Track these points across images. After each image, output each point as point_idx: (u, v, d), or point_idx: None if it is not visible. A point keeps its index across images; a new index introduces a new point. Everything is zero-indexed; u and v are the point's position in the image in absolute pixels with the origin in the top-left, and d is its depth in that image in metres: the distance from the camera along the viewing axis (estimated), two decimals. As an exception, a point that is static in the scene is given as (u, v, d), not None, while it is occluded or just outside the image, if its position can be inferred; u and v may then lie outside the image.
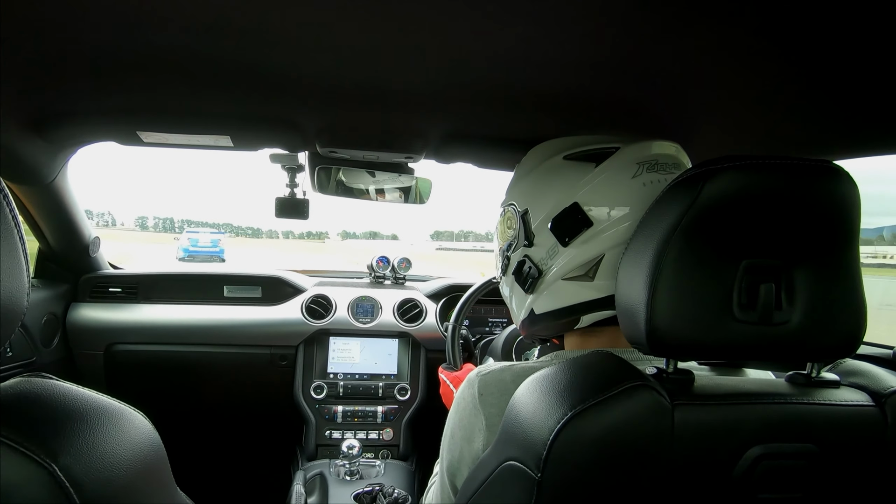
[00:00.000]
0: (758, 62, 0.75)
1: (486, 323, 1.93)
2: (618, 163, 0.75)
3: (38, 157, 1.21)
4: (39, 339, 1.55)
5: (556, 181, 0.79)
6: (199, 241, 21.40)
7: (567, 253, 0.76)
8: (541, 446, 0.53)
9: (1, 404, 0.44)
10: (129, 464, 0.47)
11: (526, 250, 0.81)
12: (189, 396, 1.91)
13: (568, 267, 0.76)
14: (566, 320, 0.79)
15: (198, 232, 22.85)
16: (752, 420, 0.56)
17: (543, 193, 0.79)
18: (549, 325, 0.82)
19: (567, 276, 0.77)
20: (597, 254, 0.74)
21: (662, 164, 0.75)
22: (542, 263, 0.79)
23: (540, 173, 0.82)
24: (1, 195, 0.46)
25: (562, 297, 0.78)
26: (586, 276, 0.76)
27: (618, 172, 0.75)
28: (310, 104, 1.03)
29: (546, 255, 0.79)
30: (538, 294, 0.81)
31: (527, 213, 0.81)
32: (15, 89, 0.95)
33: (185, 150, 1.28)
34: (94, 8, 0.71)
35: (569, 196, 0.76)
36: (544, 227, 0.78)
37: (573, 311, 0.77)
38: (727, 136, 1.02)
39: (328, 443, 1.71)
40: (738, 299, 0.55)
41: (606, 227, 0.74)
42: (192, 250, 20.60)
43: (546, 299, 0.80)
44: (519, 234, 0.82)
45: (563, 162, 0.79)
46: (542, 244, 0.79)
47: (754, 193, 0.54)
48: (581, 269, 0.76)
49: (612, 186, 0.75)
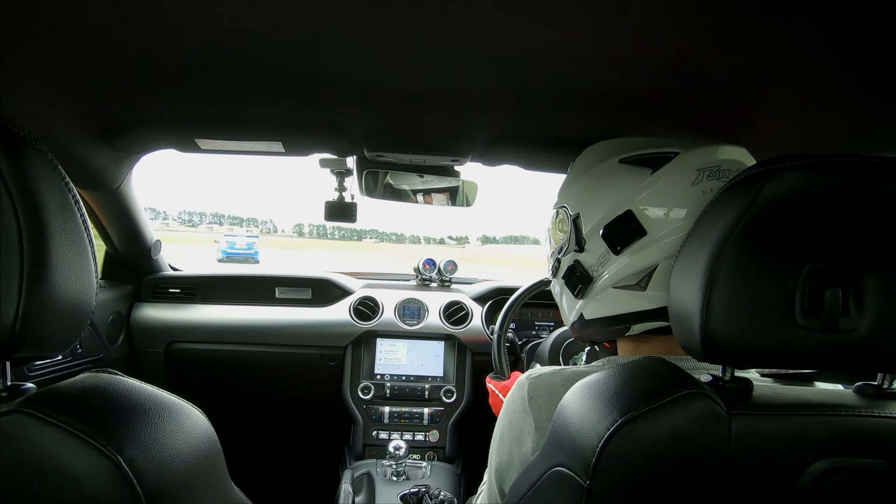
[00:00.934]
0: (821, 54, 0.72)
1: (532, 326, 1.91)
2: (676, 169, 0.71)
3: (105, 165, 1.28)
4: (106, 336, 1.64)
5: (610, 186, 0.75)
6: (237, 244, 23.18)
7: (619, 261, 0.74)
8: (590, 453, 0.52)
9: (72, 397, 0.46)
10: (188, 457, 0.49)
11: (577, 255, 0.79)
12: (242, 394, 1.98)
13: (619, 275, 0.74)
14: (616, 328, 0.77)
15: (235, 235, 24.86)
16: (816, 432, 0.53)
17: (596, 198, 0.77)
18: (599, 331, 0.80)
19: (618, 284, 0.74)
20: (650, 264, 0.72)
21: (726, 170, 0.70)
22: (592, 270, 0.77)
23: (593, 176, 0.79)
24: (73, 201, 0.49)
25: (612, 305, 0.76)
26: (638, 286, 0.73)
27: (676, 180, 0.71)
28: (358, 109, 1.05)
29: (597, 261, 0.76)
30: (588, 300, 0.79)
31: (578, 218, 0.78)
32: (84, 101, 1.01)
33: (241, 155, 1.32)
34: (158, 22, 0.74)
35: (622, 203, 0.73)
36: (596, 233, 0.76)
37: (623, 320, 0.75)
38: (788, 134, 0.97)
39: (375, 443, 1.73)
40: (801, 305, 0.52)
41: (661, 237, 0.71)
42: (229, 252, 22.33)
43: (596, 306, 0.78)
44: (570, 239, 0.79)
45: (619, 166, 0.75)
46: (594, 250, 0.77)
47: (819, 194, 0.51)
48: (633, 279, 0.73)
49: (668, 194, 0.71)
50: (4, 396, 0.48)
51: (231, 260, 21.19)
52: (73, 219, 0.48)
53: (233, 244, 23.09)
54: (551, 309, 1.92)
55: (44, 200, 0.45)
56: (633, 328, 0.76)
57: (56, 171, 0.47)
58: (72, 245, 0.48)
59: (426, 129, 1.13)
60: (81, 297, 0.50)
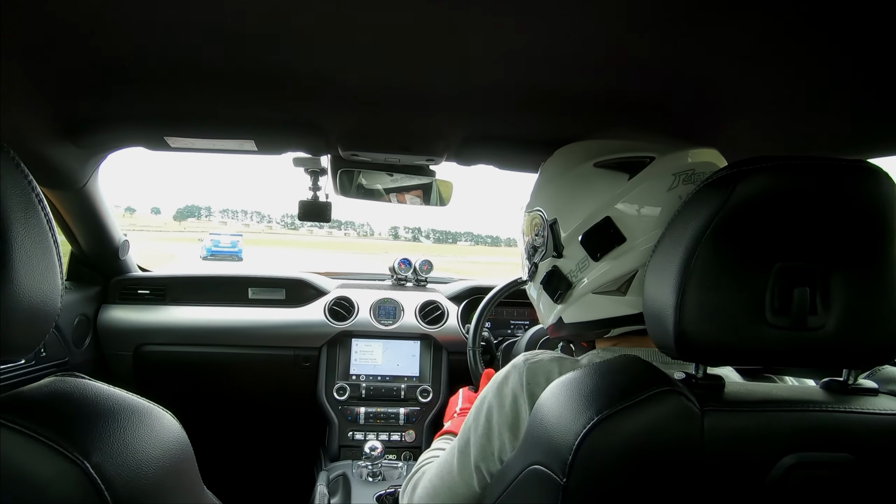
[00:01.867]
0: (788, 58, 0.74)
1: (507, 325, 1.92)
2: (653, 174, 0.71)
3: (70, 163, 1.25)
4: (72, 339, 1.59)
5: (587, 192, 0.75)
6: (221, 242, 24.08)
7: (598, 267, 0.74)
8: (566, 451, 0.52)
9: (36, 402, 0.45)
10: (159, 462, 0.48)
11: (555, 261, 0.79)
12: (215, 397, 1.94)
13: (599, 281, 0.74)
14: (596, 331, 0.78)
15: (219, 234, 25.70)
16: (785, 427, 0.55)
17: (574, 204, 0.76)
18: (578, 334, 0.80)
19: (598, 290, 0.74)
20: (629, 269, 0.72)
21: (700, 173, 0.71)
22: (571, 275, 0.77)
23: (569, 181, 0.78)
24: (36, 200, 0.47)
25: (592, 310, 0.76)
26: (618, 291, 0.73)
27: (653, 185, 0.71)
28: (331, 108, 1.04)
29: (576, 267, 0.76)
30: (568, 305, 0.78)
31: (556, 224, 0.77)
32: (48, 97, 0.98)
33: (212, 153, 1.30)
34: (123, 17, 0.73)
35: (601, 209, 0.73)
36: (574, 239, 0.75)
37: (604, 325, 0.76)
38: (756, 137, 1.00)
39: (351, 444, 1.72)
40: (770, 303, 0.54)
41: (640, 244, 0.71)
42: (213, 250, 23.23)
43: (576, 310, 0.78)
44: (547, 244, 0.78)
45: (594, 170, 0.75)
46: (572, 256, 0.76)
47: (788, 195, 0.53)
48: (613, 284, 0.73)
49: (646, 200, 0.71)
50: None
51: (215, 258, 22.03)
52: (37, 218, 0.47)
53: (217, 242, 23.99)
54: (527, 308, 1.93)
55: (5, 199, 0.44)
56: (612, 330, 0.77)
57: (18, 169, 0.46)
58: (35, 245, 0.46)
59: (401, 128, 1.13)
60: (46, 299, 0.48)
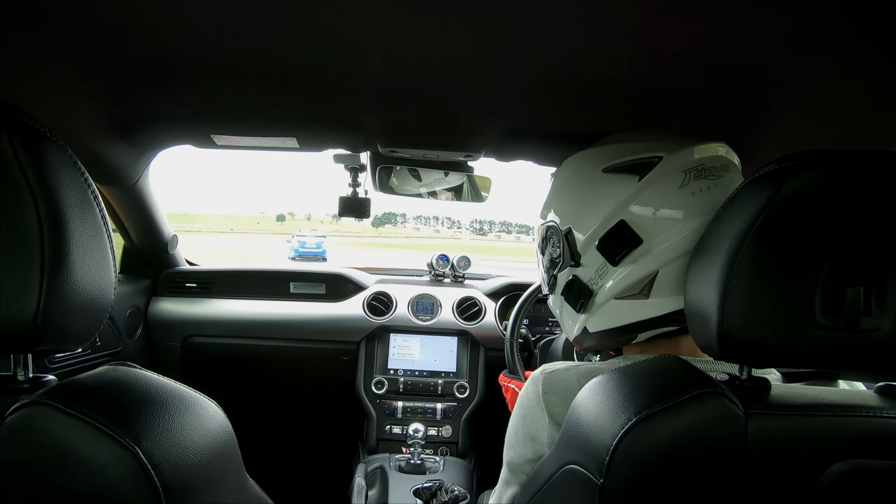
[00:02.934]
0: (840, 44, 0.70)
1: (546, 322, 1.90)
2: (662, 174, 0.70)
3: (123, 161, 1.30)
4: (124, 330, 1.66)
5: (598, 197, 0.74)
6: (307, 244, 25.16)
7: (618, 272, 0.73)
8: (603, 452, 0.51)
9: (91, 390, 0.47)
10: (204, 449, 0.49)
11: (573, 270, 0.78)
12: (257, 387, 2.00)
13: (620, 286, 0.73)
14: (623, 338, 0.76)
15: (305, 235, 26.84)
16: (835, 433, 0.52)
17: (586, 211, 0.75)
18: (603, 342, 0.79)
19: (620, 295, 0.73)
20: (650, 271, 0.71)
21: (710, 168, 0.70)
22: (592, 283, 0.76)
23: (578, 189, 0.78)
24: (92, 196, 0.49)
25: (617, 316, 0.75)
26: (641, 295, 0.72)
27: (663, 184, 0.70)
28: (371, 105, 1.05)
29: (595, 274, 0.75)
30: (591, 314, 0.77)
31: (570, 233, 0.77)
32: (103, 98, 1.02)
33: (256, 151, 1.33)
34: (174, 20, 0.75)
35: (614, 213, 0.72)
36: (590, 246, 0.74)
37: (630, 330, 0.74)
38: (806, 130, 0.95)
39: (389, 437, 1.74)
40: (821, 304, 0.51)
41: (657, 244, 0.70)
42: (300, 251, 24.38)
43: (600, 318, 0.77)
44: (564, 254, 0.78)
45: (603, 175, 0.74)
46: (590, 264, 0.75)
47: (840, 190, 0.50)
48: (635, 288, 0.72)
49: (659, 199, 0.70)
50: (26, 388, 0.49)
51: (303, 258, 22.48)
52: (92, 214, 0.49)
53: (304, 243, 25.04)
54: None
55: (64, 196, 0.46)
56: (640, 336, 0.75)
57: (76, 167, 0.48)
58: (91, 240, 0.48)
59: (439, 125, 1.13)
60: (100, 291, 0.50)
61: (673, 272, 0.69)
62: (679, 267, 0.68)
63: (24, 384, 0.49)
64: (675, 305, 0.69)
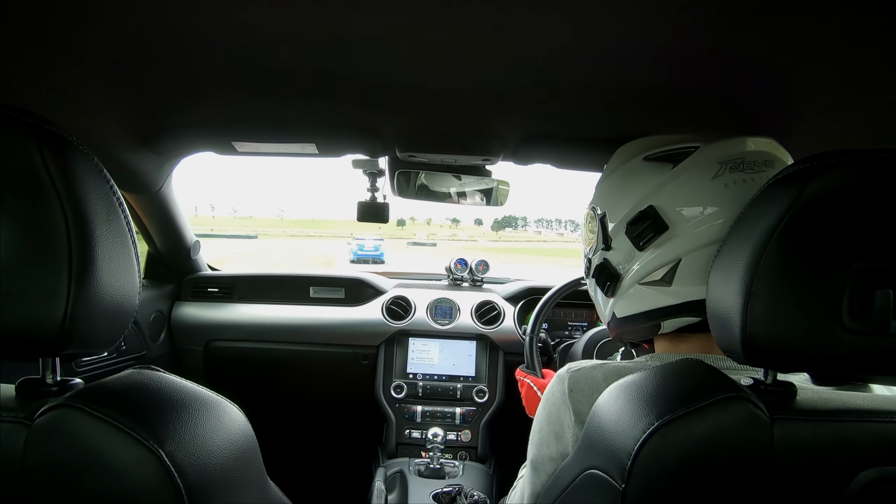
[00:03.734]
0: (866, 40, 0.68)
1: (565, 326, 1.89)
2: (696, 163, 0.71)
3: (147, 168, 1.33)
4: (149, 334, 1.69)
5: (634, 183, 0.76)
6: (365, 247, 26.29)
7: (643, 257, 0.74)
8: (625, 457, 0.51)
9: (116, 392, 0.48)
10: (226, 452, 0.50)
11: (605, 254, 0.79)
12: (278, 391, 2.02)
13: (644, 271, 0.74)
14: (646, 325, 0.76)
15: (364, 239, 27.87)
16: (865, 439, 0.51)
17: (621, 196, 0.77)
18: (633, 329, 0.79)
19: (644, 280, 0.74)
20: (673, 258, 0.71)
21: (751, 162, 0.69)
22: (620, 267, 0.77)
23: (619, 175, 0.79)
24: (117, 203, 0.51)
25: (639, 302, 0.76)
26: (663, 282, 0.72)
27: (696, 173, 0.70)
28: (389, 110, 1.06)
29: (623, 259, 0.77)
30: (618, 298, 0.79)
31: (605, 217, 0.79)
32: (128, 107, 1.05)
33: (275, 157, 1.35)
34: (196, 31, 0.77)
35: (645, 199, 0.73)
36: (621, 230, 0.76)
37: (651, 317, 0.75)
38: (834, 129, 0.93)
39: (408, 441, 1.74)
40: (848, 306, 0.49)
41: (683, 231, 0.70)
42: (359, 254, 25.60)
43: (625, 303, 0.78)
44: (598, 238, 0.80)
45: (643, 163, 0.76)
46: (620, 248, 0.77)
47: (869, 190, 0.49)
48: (657, 274, 0.73)
49: (689, 188, 0.71)
50: (54, 391, 0.50)
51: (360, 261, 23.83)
52: (118, 220, 0.50)
53: (362, 246, 26.24)
54: (585, 309, 1.89)
55: (90, 203, 0.47)
56: (663, 325, 0.75)
57: (101, 175, 0.49)
58: (116, 245, 0.49)
59: (457, 129, 1.13)
60: (125, 296, 0.51)
61: (695, 261, 0.69)
62: (702, 256, 0.68)
63: (53, 387, 0.50)
64: (696, 295, 0.69)
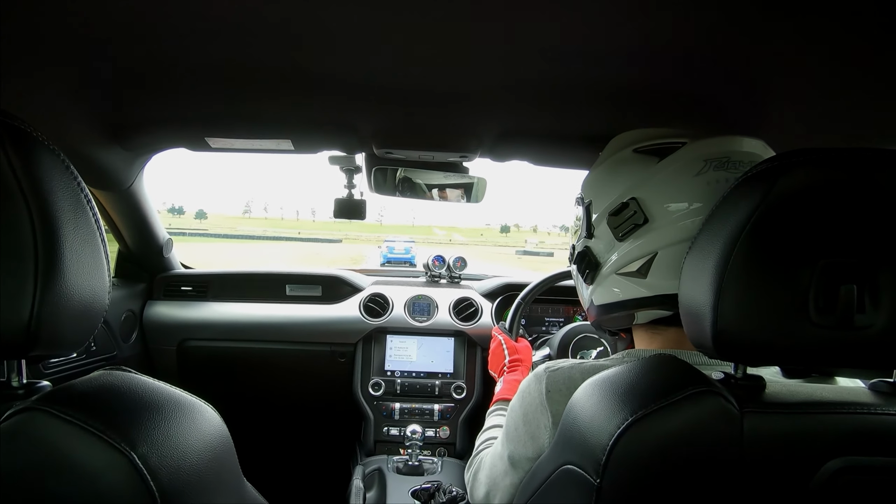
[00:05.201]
0: (839, 43, 0.70)
1: (542, 322, 1.91)
2: (681, 159, 0.71)
3: (117, 164, 1.29)
4: (120, 334, 1.65)
5: (620, 174, 0.77)
6: (395, 249, 25.47)
7: (622, 248, 0.75)
8: (600, 452, 0.52)
9: (86, 395, 0.47)
10: (201, 453, 0.49)
11: (587, 241, 0.81)
12: (254, 391, 1.99)
13: (622, 262, 0.75)
14: (620, 314, 0.78)
15: (394, 241, 27.15)
16: (830, 430, 0.53)
17: (607, 186, 0.78)
18: (610, 318, 0.81)
19: (621, 271, 0.76)
20: (650, 251, 0.72)
21: (736, 162, 0.69)
22: (600, 256, 0.79)
23: (608, 165, 0.80)
24: (85, 201, 0.49)
25: (614, 291, 0.77)
26: (639, 273, 0.74)
27: (680, 169, 0.71)
28: (364, 106, 1.05)
29: (604, 248, 0.78)
30: (596, 286, 0.80)
31: (590, 205, 0.80)
32: (96, 101, 1.02)
33: (251, 153, 1.33)
34: (166, 23, 0.75)
35: (629, 190, 0.74)
36: (603, 220, 0.77)
37: (625, 307, 0.76)
38: (807, 128, 0.96)
39: (386, 439, 1.74)
40: (815, 301, 0.51)
41: (662, 226, 0.71)
42: (389, 257, 24.70)
43: (602, 291, 0.79)
44: (582, 225, 0.81)
45: (632, 155, 0.77)
46: (602, 237, 0.78)
47: (833, 188, 0.50)
48: (634, 266, 0.74)
49: (671, 183, 0.71)
50: (20, 394, 0.48)
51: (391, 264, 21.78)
52: (86, 218, 0.49)
53: (392, 248, 25.55)
54: (561, 305, 1.91)
55: (56, 200, 0.46)
56: (637, 316, 0.76)
57: (68, 171, 0.48)
58: (84, 244, 0.48)
59: (434, 125, 1.13)
60: (94, 296, 0.50)
61: (671, 256, 0.71)
62: (678, 251, 0.69)
63: (19, 390, 0.49)
64: (670, 289, 0.70)
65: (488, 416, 1.13)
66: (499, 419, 1.08)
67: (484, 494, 0.87)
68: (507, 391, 1.17)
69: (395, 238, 28.37)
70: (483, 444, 1.03)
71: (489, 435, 1.04)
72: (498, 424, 1.05)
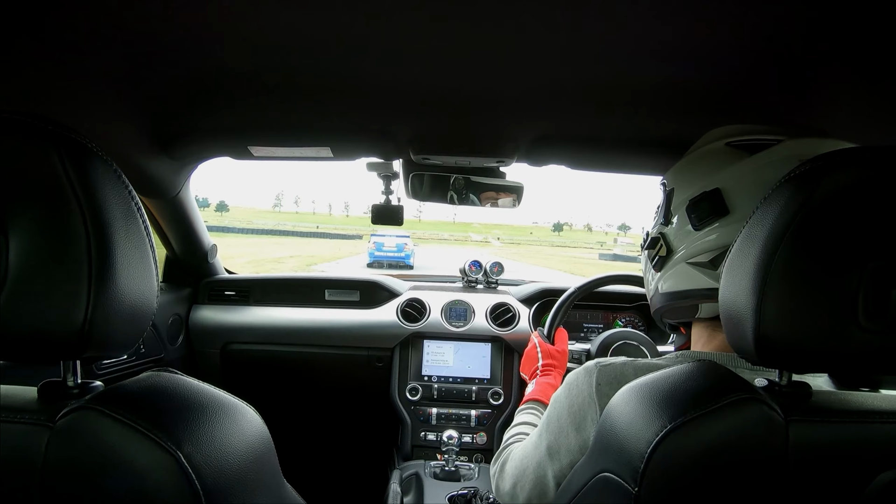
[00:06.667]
0: (888, 44, 0.67)
1: (581, 328, 1.88)
2: (775, 154, 0.70)
3: (165, 174, 1.35)
4: (167, 337, 1.71)
5: (707, 165, 0.76)
6: (384, 246, 20.10)
7: (697, 237, 0.74)
8: (637, 460, 0.50)
9: (135, 395, 0.49)
10: (243, 454, 0.50)
11: (663, 228, 0.80)
12: (294, 394, 2.03)
13: (694, 251, 0.74)
14: (684, 305, 0.77)
15: (383, 236, 21.05)
16: (883, 441, 0.50)
17: (692, 175, 0.77)
18: (671, 308, 0.80)
19: (691, 260, 0.75)
20: (724, 243, 0.71)
21: None
22: (673, 243, 0.78)
23: (697, 155, 0.79)
24: (136, 208, 0.51)
25: (682, 280, 0.76)
26: (710, 264, 0.73)
27: (772, 166, 0.69)
28: (403, 113, 1.06)
29: (679, 236, 0.77)
30: (664, 273, 0.80)
31: (672, 192, 0.79)
32: (147, 114, 1.06)
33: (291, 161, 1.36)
34: (213, 39, 0.78)
35: (713, 181, 0.73)
36: (682, 207, 0.76)
37: (689, 296, 0.75)
38: (853, 128, 0.92)
39: (423, 444, 1.74)
40: (864, 305, 0.49)
41: (741, 218, 0.68)
42: (376, 254, 19.58)
43: (669, 279, 0.79)
44: (660, 211, 0.81)
45: (723, 148, 0.75)
46: (678, 224, 0.77)
47: (881, 188, 0.48)
48: (706, 256, 0.73)
49: (761, 179, 0.69)
50: (75, 393, 0.51)
51: (379, 264, 18.54)
52: (136, 225, 0.51)
53: (380, 245, 20.09)
54: (600, 311, 1.88)
55: (109, 208, 0.48)
56: (702, 308, 0.75)
57: (120, 180, 0.50)
58: (135, 250, 0.50)
59: (471, 131, 1.13)
60: (144, 300, 0.52)
61: None
62: None
63: (74, 390, 0.51)
64: None
65: (518, 414, 1.13)
66: (529, 416, 1.08)
67: (511, 486, 0.87)
68: (538, 393, 1.17)
69: (384, 233, 21.24)
70: (512, 437, 1.03)
71: (518, 430, 1.04)
72: (528, 422, 1.06)
